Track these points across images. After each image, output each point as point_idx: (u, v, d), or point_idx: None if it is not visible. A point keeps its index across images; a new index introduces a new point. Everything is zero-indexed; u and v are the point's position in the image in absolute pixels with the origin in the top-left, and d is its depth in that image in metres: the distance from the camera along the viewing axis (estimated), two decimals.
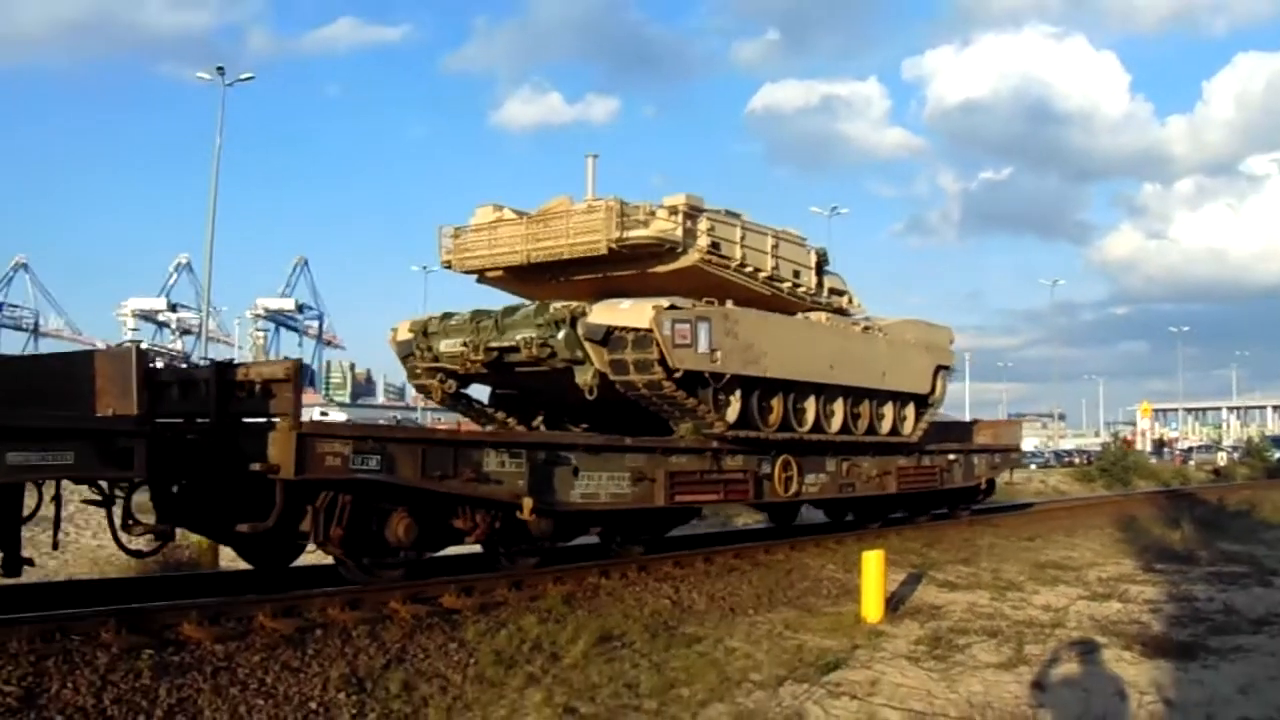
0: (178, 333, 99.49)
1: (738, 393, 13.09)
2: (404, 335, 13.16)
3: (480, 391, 14.54)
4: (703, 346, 12.15)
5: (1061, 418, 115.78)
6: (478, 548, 11.00)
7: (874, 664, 8.49)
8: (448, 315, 12.95)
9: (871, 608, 10.25)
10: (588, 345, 11.93)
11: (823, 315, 14.90)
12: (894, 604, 10.91)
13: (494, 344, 12.17)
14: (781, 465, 14.00)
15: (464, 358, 12.39)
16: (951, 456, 18.51)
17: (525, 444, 10.75)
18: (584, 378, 11.96)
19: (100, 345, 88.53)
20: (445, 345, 12.64)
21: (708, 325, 12.21)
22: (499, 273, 13.33)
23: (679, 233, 12.50)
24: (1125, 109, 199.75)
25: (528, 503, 10.41)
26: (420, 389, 13.83)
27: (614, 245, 12.14)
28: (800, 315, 14.40)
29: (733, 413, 13.05)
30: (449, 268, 13.32)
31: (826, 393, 14.75)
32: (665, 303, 11.84)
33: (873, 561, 10.41)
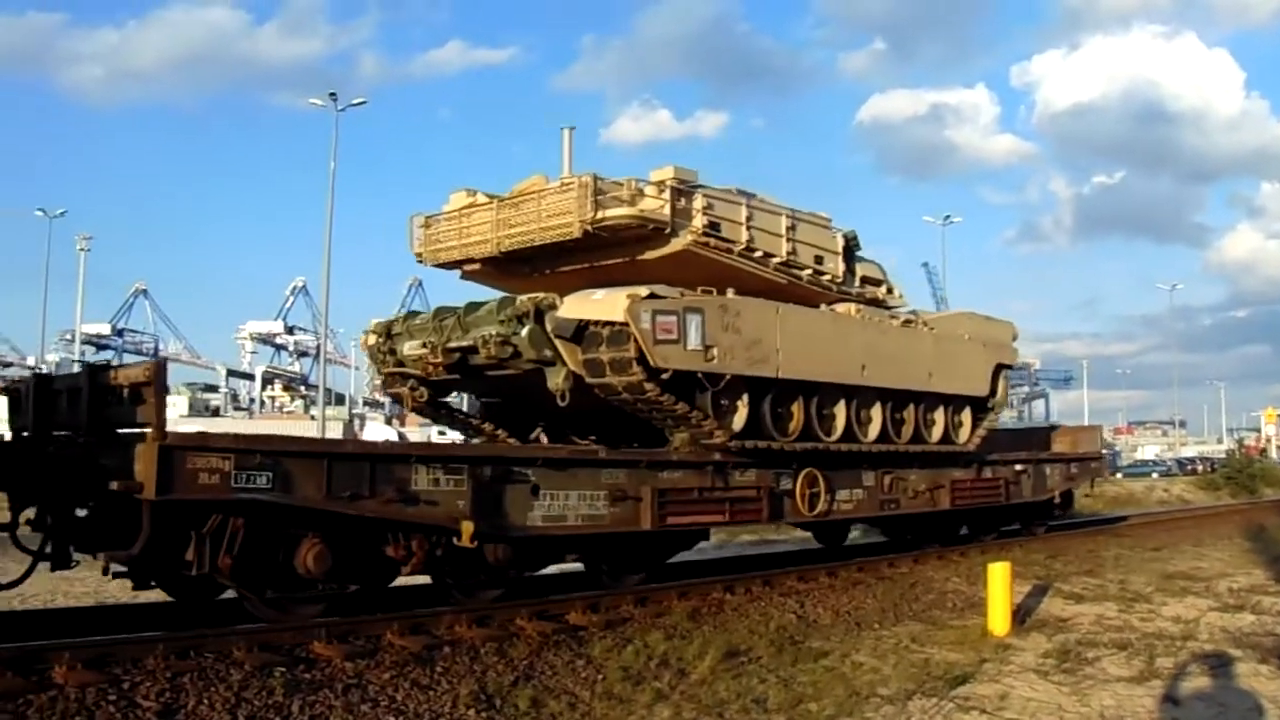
0: (295, 355, 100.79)
1: (745, 397, 10.89)
2: (371, 339, 11.36)
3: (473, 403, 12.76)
4: (694, 342, 10.01)
5: (1182, 424, 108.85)
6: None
7: (1002, 678, 8.09)
8: (412, 314, 11.08)
9: (998, 621, 9.73)
10: (559, 343, 9.93)
11: (852, 307, 12.54)
12: (1020, 616, 10.33)
13: (454, 344, 10.26)
14: (805, 480, 11.72)
15: (424, 361, 10.51)
16: (1019, 467, 15.83)
17: (465, 457, 8.76)
18: (555, 380, 9.94)
19: (219, 369, 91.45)
20: (408, 348, 10.77)
21: (699, 318, 10.06)
22: (476, 265, 11.42)
23: (666, 211, 10.41)
24: (1240, 107, 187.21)
25: (467, 527, 8.46)
26: (394, 398, 12.00)
27: (589, 228, 10.12)
28: (824, 307, 12.12)
29: (739, 420, 10.87)
30: (421, 261, 11.50)
31: (860, 396, 12.42)
32: (643, 291, 9.75)
33: (998, 574, 9.85)
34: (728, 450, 10.63)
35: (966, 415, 14.56)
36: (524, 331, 9.75)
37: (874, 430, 12.75)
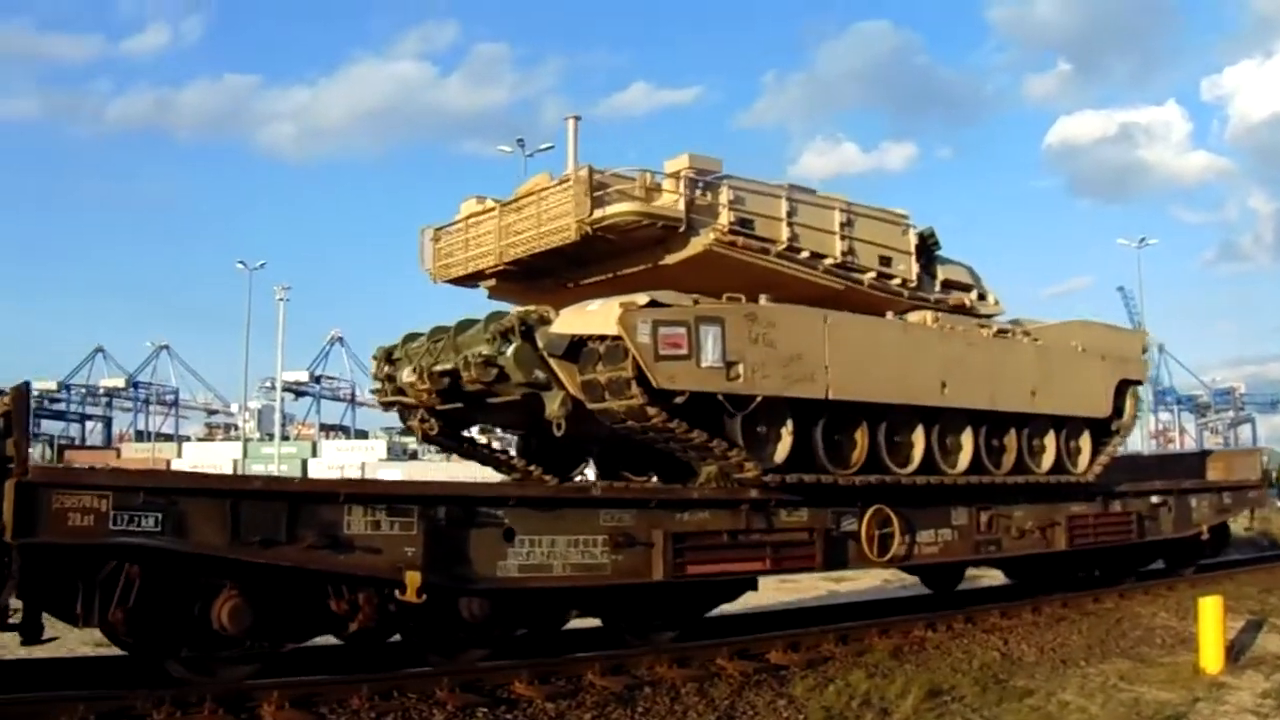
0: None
1: (789, 423, 8.82)
2: (373, 366, 9.90)
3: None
4: (711, 358, 8.04)
5: None
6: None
7: (1217, 718, 7.56)
8: (412, 336, 9.56)
9: (1210, 658, 8.91)
10: (554, 363, 8.19)
11: (928, 315, 10.23)
12: (1234, 653, 9.42)
13: (440, 367, 8.65)
14: (873, 519, 9.46)
15: (414, 387, 8.95)
16: (1156, 499, 12.88)
17: (413, 497, 7.11)
18: (551, 407, 8.17)
19: None
20: (406, 374, 9.24)
21: (717, 330, 8.08)
22: (492, 281, 9.83)
23: (680, 207, 8.51)
24: None
25: (412, 578, 6.78)
26: (409, 430, 10.46)
27: (588, 229, 8.36)
28: (891, 316, 9.90)
29: (781, 450, 8.77)
30: (433, 280, 10.00)
31: (943, 420, 10.07)
32: (642, 298, 7.86)
33: (1210, 609, 9.03)
34: (766, 486, 8.58)
35: (1085, 440, 11.84)
36: (510, 350, 8.04)
37: (964, 460, 10.34)
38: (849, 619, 10.85)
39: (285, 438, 72.45)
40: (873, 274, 9.80)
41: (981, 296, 11.19)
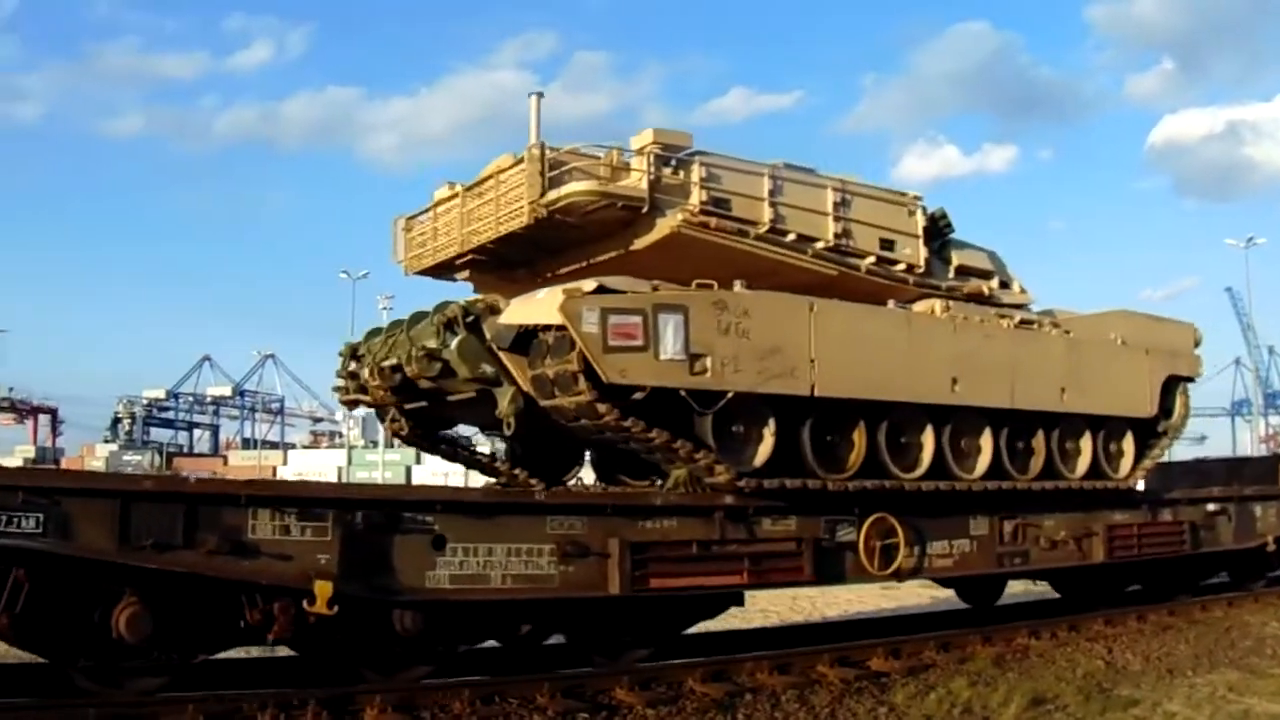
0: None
1: (770, 423, 7.83)
2: (340, 363, 9.21)
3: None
4: (671, 349, 7.10)
5: None
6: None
7: None
8: (376, 331, 8.82)
9: None
10: (504, 357, 7.37)
11: (937, 304, 9.08)
12: None
13: (387, 363, 7.90)
14: (873, 529, 8.39)
15: (369, 384, 8.22)
16: (1212, 507, 11.39)
17: (327, 500, 6.34)
18: (502, 404, 7.35)
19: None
20: (367, 371, 8.53)
21: (679, 319, 7.13)
22: (465, 272, 9.07)
23: (643, 186, 7.61)
24: None
25: (322, 588, 6.02)
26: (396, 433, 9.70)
27: (542, 211, 7.52)
28: (893, 304, 8.78)
29: (761, 452, 7.78)
30: (405, 271, 9.27)
31: (956, 419, 8.93)
32: (590, 284, 6.98)
33: None
34: (742, 492, 7.60)
35: (1127, 442, 10.49)
36: (454, 343, 7.25)
37: (982, 463, 9.16)
38: (950, 626, 10.25)
39: (390, 445, 73.70)
40: (872, 259, 8.70)
41: (1004, 284, 9.96)
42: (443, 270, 9.01)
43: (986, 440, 9.19)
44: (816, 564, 8.05)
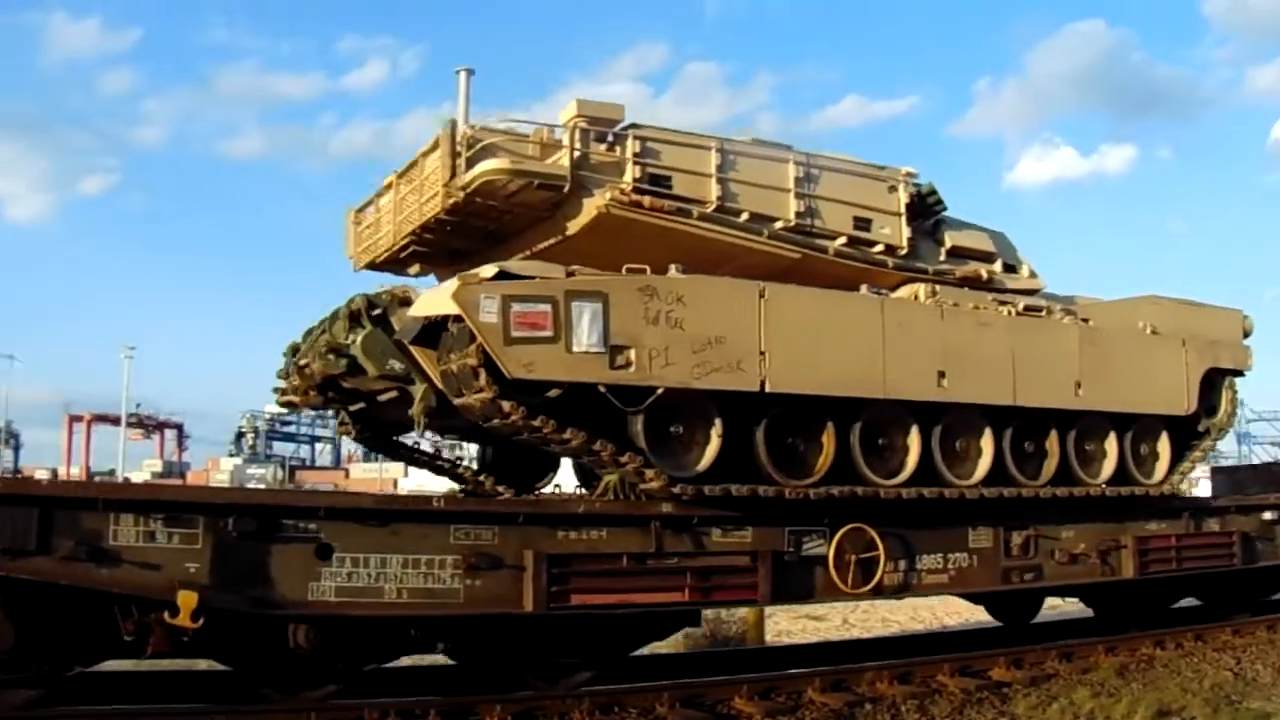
0: None
1: (716, 422, 6.93)
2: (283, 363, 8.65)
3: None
4: (587, 341, 6.27)
5: None
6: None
7: None
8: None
9: None
10: (416, 352, 6.68)
11: (921, 288, 8.01)
12: None
13: (303, 360, 7.29)
14: (848, 541, 7.39)
15: (291, 383, 7.63)
16: (1269, 515, 9.82)
17: (196, 504, 5.73)
18: (415, 404, 6.69)
19: None
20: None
21: (597, 306, 6.30)
22: (416, 266, 8.39)
23: (564, 164, 6.81)
24: None
25: (186, 599, 5.42)
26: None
27: (458, 195, 6.80)
28: (867, 289, 7.75)
29: (706, 455, 6.88)
30: (354, 267, 8.66)
31: (950, 419, 7.85)
32: (490, 269, 6.22)
33: None
34: (679, 499, 6.72)
35: (1162, 443, 9.15)
36: (359, 338, 6.60)
37: (981, 468, 8.05)
38: (1072, 636, 9.64)
39: None
40: (843, 240, 7.71)
41: (1010, 268, 8.79)
42: (391, 264, 8.35)
43: (987, 442, 8.07)
44: (776, 580, 7.08)
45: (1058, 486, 8.48)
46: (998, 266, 8.63)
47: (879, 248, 7.87)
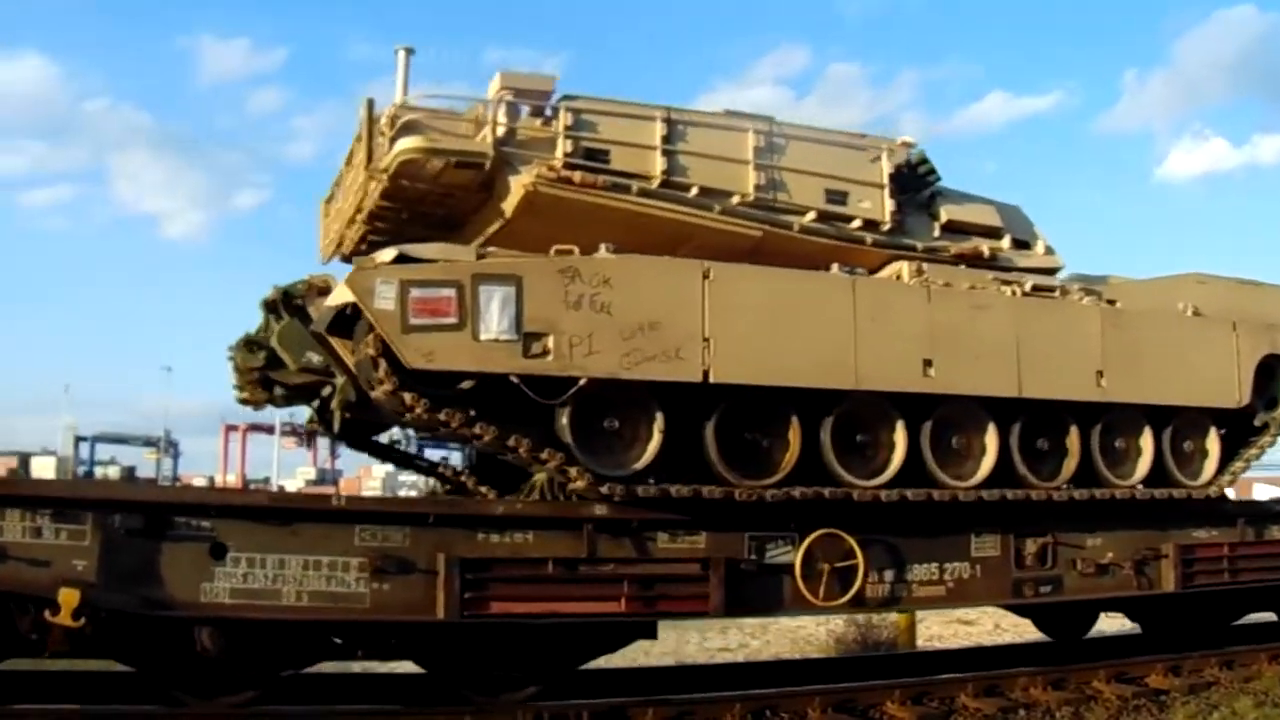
0: None
1: (657, 416, 6.26)
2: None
3: None
4: (497, 328, 5.70)
5: None
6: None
7: None
8: None
9: None
10: (335, 343, 6.27)
11: (905, 267, 7.10)
12: None
13: (230, 353, 6.97)
14: (821, 548, 6.59)
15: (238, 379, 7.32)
16: None
17: (86, 501, 5.41)
18: (335, 398, 6.27)
19: None
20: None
21: (509, 290, 5.72)
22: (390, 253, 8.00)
23: (486, 140, 6.26)
24: None
25: (68, 597, 5.13)
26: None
27: (382, 178, 6.35)
28: (838, 269, 6.90)
29: (646, 452, 6.22)
30: (322, 260, 8.33)
31: (942, 411, 6.94)
32: (389, 253, 5.74)
33: None
34: (610, 500, 6.08)
35: (1211, 440, 7.92)
36: (277, 330, 6.23)
37: (984, 466, 7.11)
38: (1237, 643, 8.89)
39: None
40: (812, 215, 6.90)
41: (1022, 244, 7.76)
42: (356, 256, 8.03)
43: (990, 438, 7.12)
44: (731, 590, 6.35)
45: (1080, 489, 7.45)
46: (1005, 243, 7.63)
47: (856, 223, 7.01)
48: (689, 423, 6.33)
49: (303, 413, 8.10)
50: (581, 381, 5.90)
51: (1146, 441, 7.67)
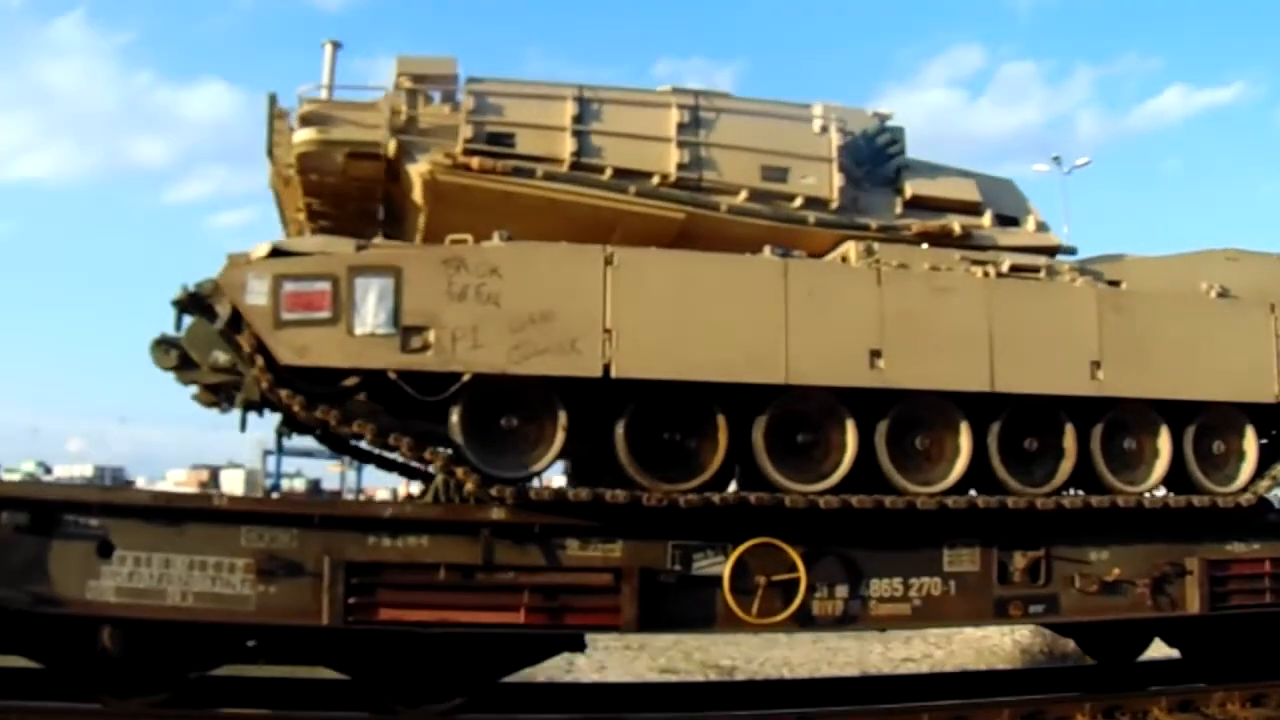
0: None
1: (560, 414, 5.80)
2: None
3: None
4: (374, 322, 5.39)
5: None
6: None
7: None
8: None
9: None
10: (242, 341, 6.12)
11: (853, 248, 6.33)
12: None
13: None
14: (754, 560, 5.96)
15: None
16: None
17: None
18: (239, 397, 6.11)
19: None
20: None
21: (387, 282, 5.40)
22: None
23: (381, 129, 5.97)
24: None
25: None
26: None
27: (287, 171, 6.19)
28: (770, 252, 6.21)
29: (548, 453, 5.79)
30: None
31: (902, 408, 6.17)
32: (264, 248, 5.52)
33: None
34: (502, 503, 5.66)
35: (1247, 440, 6.74)
36: (185, 330, 6.14)
37: (957, 469, 6.27)
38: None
39: None
40: (743, 194, 6.27)
41: (1008, 220, 6.83)
42: None
43: (965, 439, 6.28)
44: (648, 604, 5.81)
45: (1079, 495, 6.50)
46: (985, 220, 6.73)
47: (798, 201, 6.34)
48: (606, 421, 5.88)
49: None
50: (465, 377, 5.54)
51: (1162, 442, 6.60)
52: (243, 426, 6.07)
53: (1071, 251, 6.95)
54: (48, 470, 61.75)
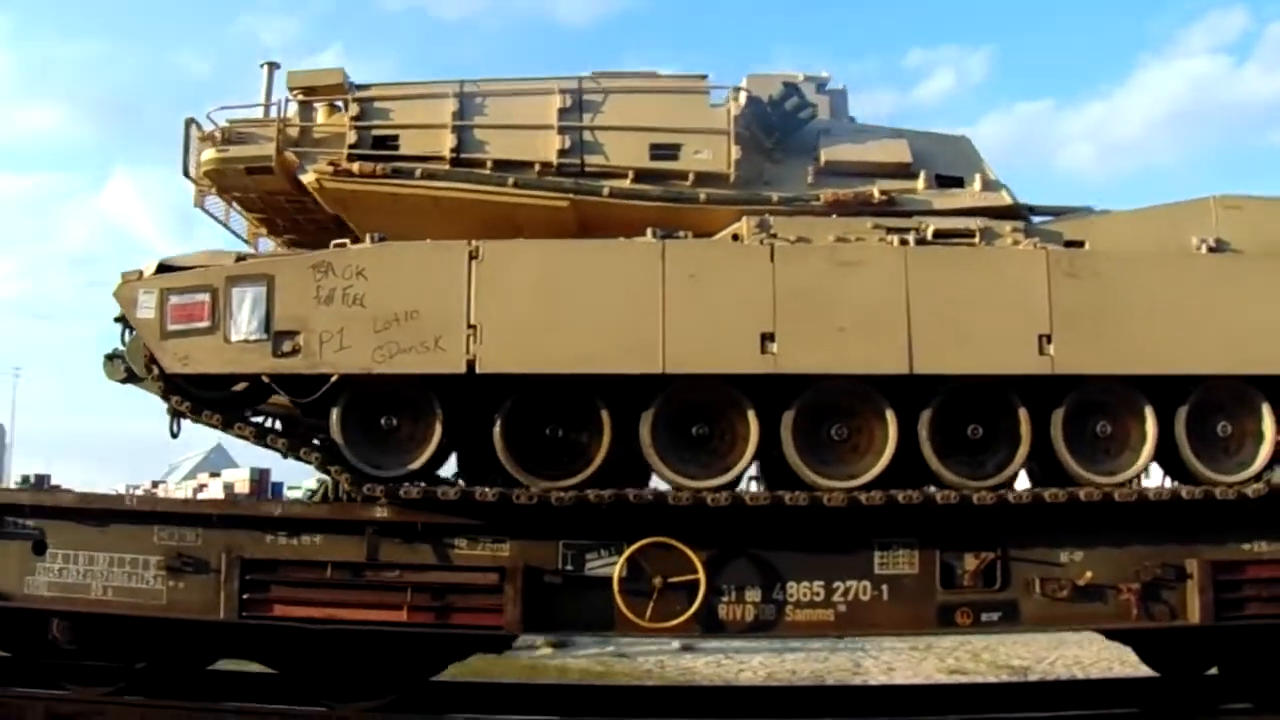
0: None
1: (437, 412, 5.69)
2: None
3: None
4: (247, 329, 5.53)
5: None
6: None
7: None
8: None
9: None
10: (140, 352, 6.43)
11: (746, 223, 5.74)
12: None
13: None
14: (646, 560, 5.60)
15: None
16: None
17: None
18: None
19: None
20: None
21: (259, 290, 5.51)
22: None
23: (270, 140, 6.09)
24: None
25: None
26: None
27: (206, 188, 6.49)
28: (651, 234, 5.71)
29: (423, 452, 5.69)
30: None
31: (812, 395, 5.57)
32: (153, 264, 5.78)
33: None
34: (377, 501, 5.63)
35: (1266, 420, 5.53)
36: (128, 340, 6.56)
37: (883, 460, 5.60)
38: None
39: None
40: (628, 175, 5.89)
41: (950, 181, 5.98)
42: None
43: (891, 426, 5.60)
44: (532, 605, 5.62)
45: (1037, 489, 5.60)
46: (919, 183, 5.94)
47: (688, 180, 5.89)
48: (488, 418, 5.75)
49: None
50: (333, 378, 5.60)
51: (1147, 425, 5.57)
52: (173, 433, 6.42)
53: (1033, 211, 6.03)
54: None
